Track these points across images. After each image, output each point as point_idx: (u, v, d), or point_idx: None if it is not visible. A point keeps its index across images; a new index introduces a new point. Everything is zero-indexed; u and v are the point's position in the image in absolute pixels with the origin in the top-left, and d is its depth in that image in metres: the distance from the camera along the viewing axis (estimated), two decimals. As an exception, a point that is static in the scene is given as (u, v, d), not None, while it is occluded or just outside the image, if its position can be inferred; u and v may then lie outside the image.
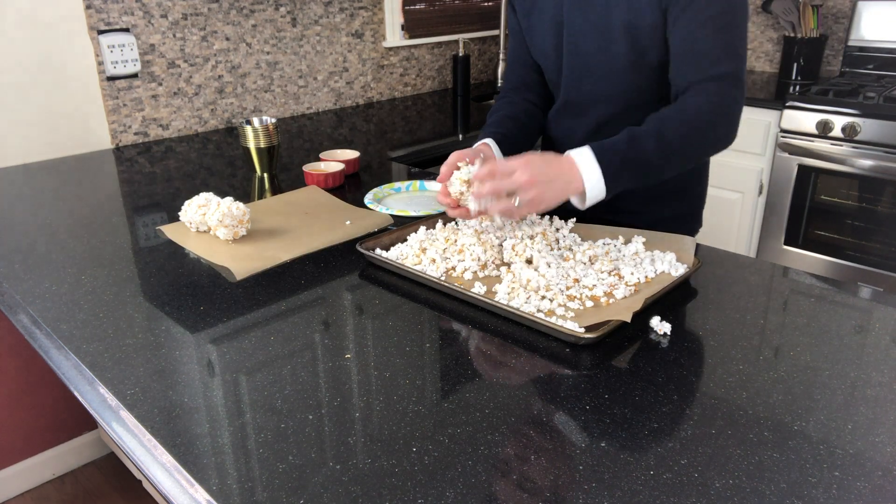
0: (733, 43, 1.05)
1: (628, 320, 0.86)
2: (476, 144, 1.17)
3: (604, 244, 1.08)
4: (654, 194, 1.23)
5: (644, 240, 1.08)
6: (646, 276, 0.99)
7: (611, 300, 0.94)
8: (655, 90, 1.16)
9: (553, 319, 0.87)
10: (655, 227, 1.13)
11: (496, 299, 0.92)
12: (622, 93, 1.17)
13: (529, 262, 1.04)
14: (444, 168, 1.06)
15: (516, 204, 0.96)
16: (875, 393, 0.75)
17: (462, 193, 1.04)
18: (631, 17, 1.08)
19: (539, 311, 0.90)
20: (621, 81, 1.15)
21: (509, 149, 1.18)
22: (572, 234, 1.12)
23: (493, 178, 0.97)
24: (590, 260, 1.03)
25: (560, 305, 0.92)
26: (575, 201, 1.02)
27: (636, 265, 1.01)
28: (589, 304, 0.93)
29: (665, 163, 1.03)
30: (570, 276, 0.98)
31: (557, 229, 1.13)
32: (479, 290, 0.96)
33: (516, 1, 1.26)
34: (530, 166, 0.95)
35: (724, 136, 1.06)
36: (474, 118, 2.28)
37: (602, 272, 0.99)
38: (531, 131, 1.30)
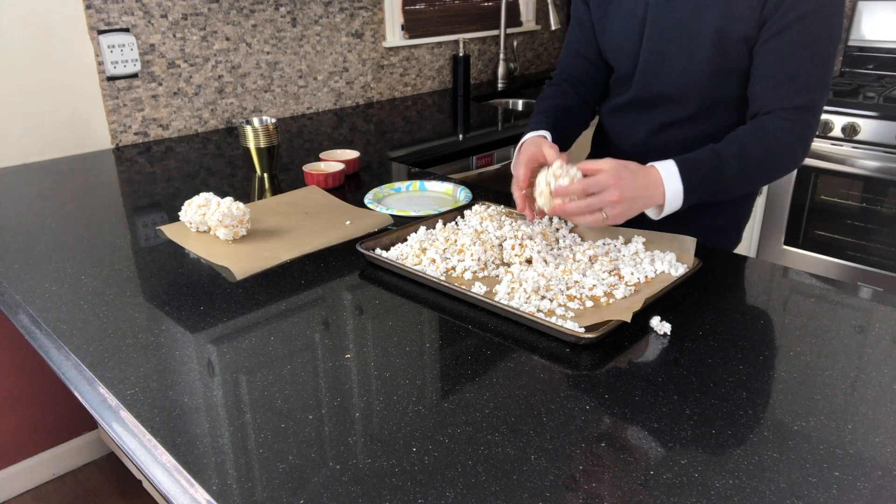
0: (823, 75, 1.04)
1: (628, 320, 0.86)
2: (529, 135, 1.15)
3: (604, 244, 1.08)
4: (707, 204, 1.19)
5: (644, 240, 1.08)
6: (646, 276, 0.99)
7: (611, 300, 0.94)
8: (728, 98, 1.14)
9: (553, 319, 0.87)
10: (701, 235, 1.11)
11: (496, 299, 0.93)
12: (695, 97, 1.15)
13: (529, 262, 1.04)
14: (520, 171, 1.06)
15: (604, 217, 0.96)
16: (875, 393, 0.75)
17: (542, 194, 1.02)
18: (724, 24, 1.06)
19: (539, 311, 0.90)
20: (697, 86, 1.13)
21: (559, 140, 1.18)
22: (572, 234, 1.12)
23: (583, 193, 0.96)
24: (590, 260, 1.03)
25: (560, 305, 0.92)
26: (650, 212, 1.03)
27: (636, 265, 1.01)
28: (589, 304, 0.93)
29: (742, 184, 1.05)
30: (571, 276, 0.98)
31: (557, 229, 1.13)
32: (479, 290, 0.96)
33: None
34: (621, 183, 0.95)
35: (795, 164, 1.08)
36: (474, 118, 2.28)
37: (602, 272, 0.99)
38: (579, 126, 1.30)
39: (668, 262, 1.01)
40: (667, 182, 0.99)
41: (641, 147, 1.24)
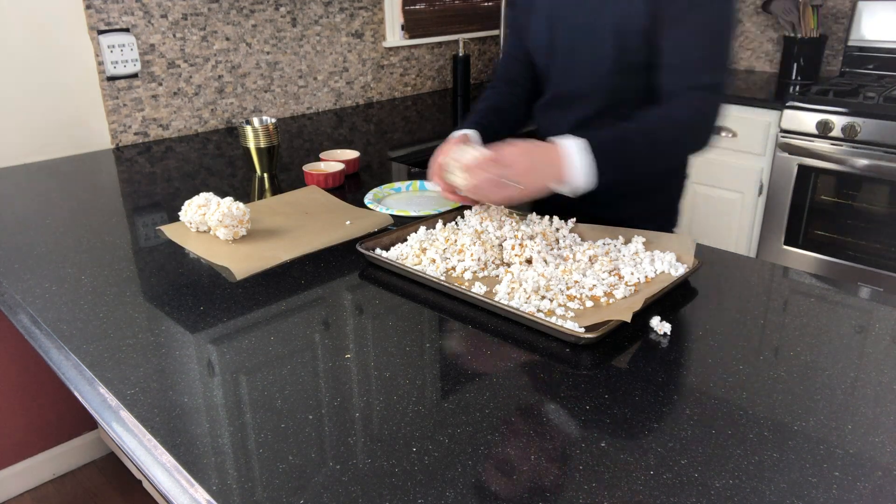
0: (722, 55, 1.09)
1: (628, 320, 0.86)
2: (457, 133, 1.22)
3: (604, 244, 1.08)
4: (633, 189, 1.27)
5: (644, 240, 1.08)
6: (646, 276, 0.99)
7: (611, 300, 0.94)
8: (637, 91, 1.18)
9: (553, 319, 0.87)
10: (633, 221, 1.17)
11: (496, 299, 0.92)
12: (606, 91, 1.20)
13: (529, 262, 1.04)
14: (434, 162, 1.11)
15: (518, 186, 0.99)
16: (875, 393, 0.75)
17: (453, 171, 1.06)
18: (620, 20, 1.11)
19: (539, 311, 0.90)
20: (606, 80, 1.19)
21: (489, 139, 1.22)
22: (572, 234, 1.12)
23: (495, 165, 1.00)
24: (590, 260, 1.03)
25: (560, 305, 0.92)
26: (564, 190, 1.04)
27: (636, 265, 1.01)
28: (589, 304, 0.93)
29: (652, 161, 1.08)
30: (571, 276, 0.98)
31: (557, 229, 1.13)
32: (478, 290, 0.96)
33: None
34: (525, 154, 1.00)
35: (703, 141, 1.10)
36: (474, 118, 2.27)
37: (602, 272, 0.99)
38: (512, 124, 1.36)
39: (668, 262, 1.01)
40: (568, 156, 1.01)
41: None
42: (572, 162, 1.01)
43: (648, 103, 1.17)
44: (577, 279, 0.97)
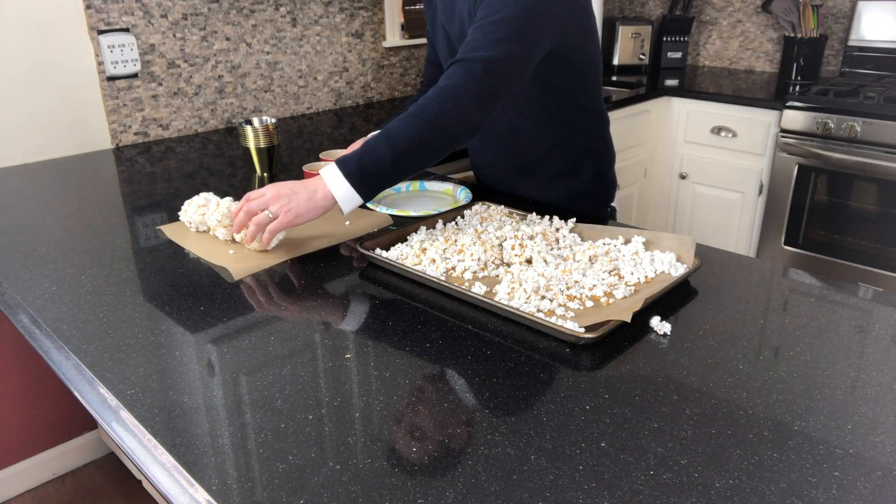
0: (497, 36, 1.08)
1: (628, 320, 0.86)
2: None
3: (604, 244, 1.08)
4: (544, 177, 1.39)
5: (644, 240, 1.08)
6: (646, 276, 0.99)
7: (611, 300, 0.94)
8: (522, 87, 1.21)
9: (553, 319, 0.87)
10: (560, 205, 1.28)
11: (496, 299, 0.92)
12: None
13: (529, 262, 1.04)
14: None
15: (268, 214, 1.05)
16: (875, 393, 0.75)
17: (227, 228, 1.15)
18: (461, 25, 1.24)
19: (539, 311, 0.90)
20: None
21: None
22: (572, 234, 1.12)
23: (246, 202, 1.07)
24: (590, 260, 1.03)
25: (560, 305, 0.92)
26: (343, 207, 1.07)
27: (636, 265, 1.01)
28: (589, 304, 0.93)
29: (404, 161, 1.06)
30: (571, 276, 0.98)
31: (557, 229, 1.13)
32: (478, 290, 0.96)
33: (426, 9, 1.43)
34: (275, 187, 1.07)
35: (454, 123, 1.06)
36: (474, 118, 2.27)
37: (602, 272, 0.99)
38: None
39: (668, 262, 1.01)
40: (328, 179, 1.06)
41: (489, 143, 1.44)
42: (327, 180, 1.06)
43: (528, 95, 1.28)
44: (577, 279, 0.97)
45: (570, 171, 1.38)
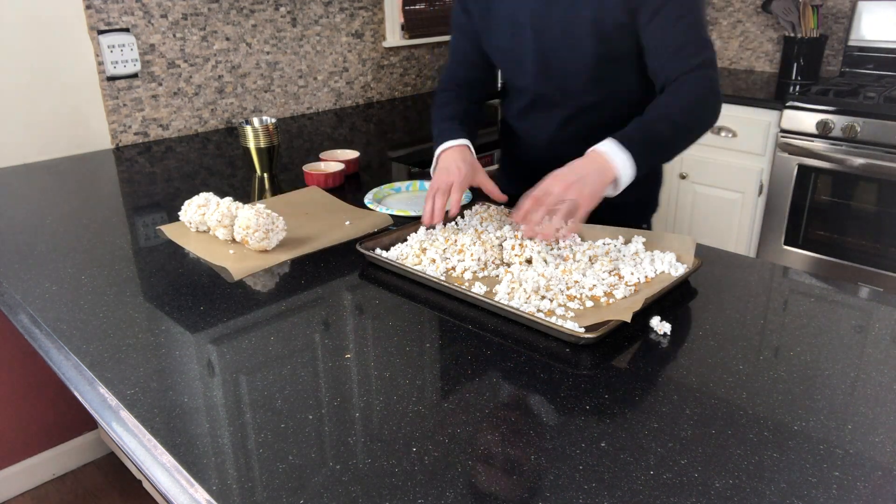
0: (702, 34, 1.14)
1: (628, 320, 0.86)
2: (451, 144, 1.20)
3: (604, 244, 1.08)
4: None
5: (644, 240, 1.08)
6: (646, 276, 0.99)
7: (611, 300, 0.94)
8: (621, 82, 1.22)
9: (553, 319, 0.87)
10: (617, 211, 1.19)
11: (496, 299, 0.92)
12: (588, 88, 1.22)
13: (529, 262, 1.04)
14: (455, 195, 1.12)
15: (569, 206, 1.00)
16: (875, 393, 0.75)
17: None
18: (598, 15, 1.13)
19: (539, 310, 0.90)
20: (586, 78, 1.20)
21: (473, 143, 1.25)
22: (572, 234, 1.11)
23: (538, 205, 1.02)
24: (590, 260, 1.03)
25: (560, 305, 0.92)
26: (609, 189, 1.05)
27: (636, 265, 1.01)
28: (589, 304, 0.93)
29: (679, 140, 1.12)
30: (571, 276, 0.98)
31: (557, 229, 1.13)
32: (478, 290, 0.96)
33: (470, 2, 1.28)
34: (559, 177, 1.01)
35: (716, 111, 1.15)
36: (474, 118, 2.27)
37: (602, 272, 0.99)
38: (479, 126, 1.38)
39: (668, 262, 1.01)
40: (610, 155, 1.03)
41: (550, 142, 1.31)
42: (613, 160, 1.02)
43: (634, 92, 1.22)
44: (577, 279, 0.97)
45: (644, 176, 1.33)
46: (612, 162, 1.02)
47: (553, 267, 1.00)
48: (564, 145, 1.21)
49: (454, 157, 1.17)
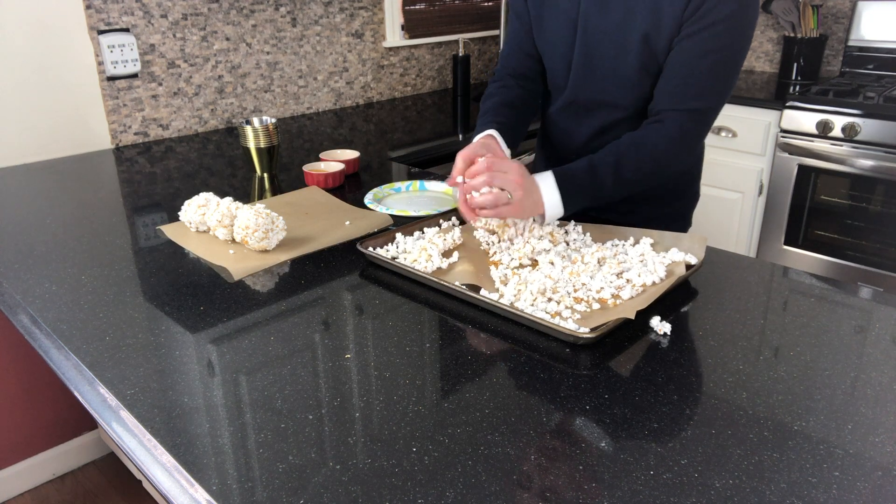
0: (721, 83, 1.08)
1: (632, 317, 0.86)
2: (479, 136, 1.17)
3: (612, 245, 1.07)
4: (650, 195, 1.25)
5: (652, 241, 1.07)
6: (653, 281, 0.98)
7: (618, 301, 0.93)
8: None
9: (557, 321, 0.87)
10: (648, 226, 1.16)
11: (501, 300, 0.92)
12: (629, 99, 1.17)
13: (536, 263, 1.03)
14: (456, 169, 1.07)
15: (509, 197, 1.00)
16: (875, 393, 0.75)
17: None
18: (651, 30, 1.09)
19: (546, 312, 0.90)
20: (631, 88, 1.16)
21: (508, 138, 1.19)
22: (582, 237, 1.11)
23: (490, 171, 1.00)
24: (598, 262, 1.02)
25: (567, 308, 0.91)
26: (536, 219, 1.08)
27: (644, 267, 1.00)
28: (596, 306, 0.92)
29: (619, 192, 1.10)
30: (578, 278, 0.97)
31: (566, 231, 1.12)
32: (484, 292, 0.96)
33: None
34: (522, 171, 1.01)
35: (678, 166, 1.14)
36: (474, 118, 2.27)
37: (610, 274, 0.98)
38: (527, 119, 1.30)
39: (679, 257, 1.01)
40: (544, 190, 1.05)
41: (584, 149, 1.25)
42: (544, 195, 1.04)
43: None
44: (584, 281, 0.96)
45: (674, 194, 1.30)
46: (543, 199, 1.05)
47: (560, 269, 1.00)
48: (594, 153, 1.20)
49: (475, 145, 1.11)
